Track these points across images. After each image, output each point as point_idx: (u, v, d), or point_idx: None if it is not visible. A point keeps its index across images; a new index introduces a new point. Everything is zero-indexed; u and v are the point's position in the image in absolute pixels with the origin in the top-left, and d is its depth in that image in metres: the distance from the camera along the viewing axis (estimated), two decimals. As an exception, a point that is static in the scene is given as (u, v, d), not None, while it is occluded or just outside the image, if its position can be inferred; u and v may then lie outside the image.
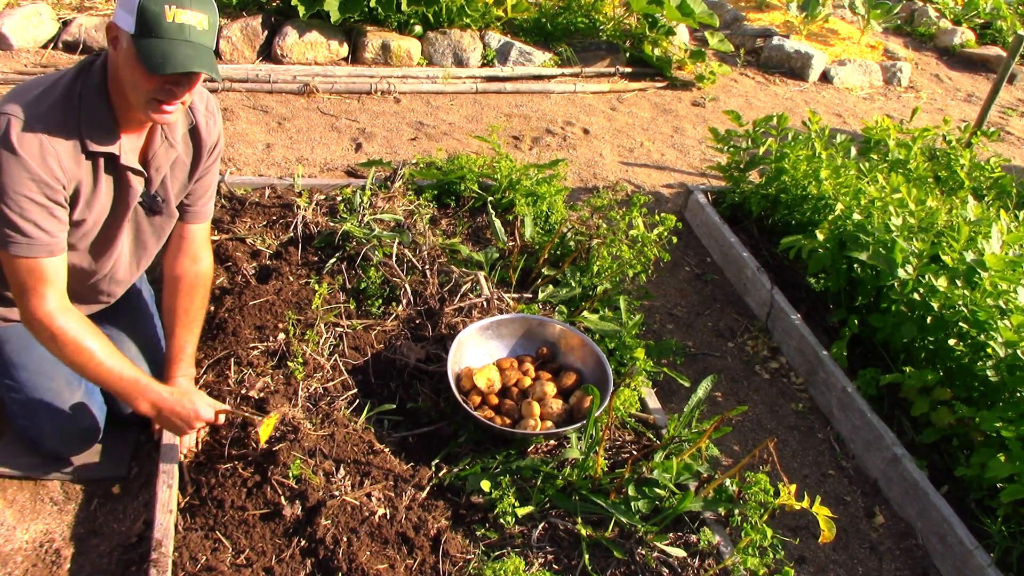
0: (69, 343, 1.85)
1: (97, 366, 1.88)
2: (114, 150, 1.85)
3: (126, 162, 1.90)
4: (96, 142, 1.82)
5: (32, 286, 1.82)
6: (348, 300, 2.69)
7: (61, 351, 1.86)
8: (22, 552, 1.98)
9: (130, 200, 1.98)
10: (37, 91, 1.79)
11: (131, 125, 1.89)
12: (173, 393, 1.98)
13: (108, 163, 1.88)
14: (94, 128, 1.81)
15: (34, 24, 4.31)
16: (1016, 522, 2.38)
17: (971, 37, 7.45)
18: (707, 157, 4.71)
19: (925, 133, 3.99)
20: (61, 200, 1.80)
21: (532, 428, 2.27)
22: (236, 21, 4.68)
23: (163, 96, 1.75)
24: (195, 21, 1.70)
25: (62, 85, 1.81)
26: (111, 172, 1.91)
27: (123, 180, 1.94)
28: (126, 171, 1.92)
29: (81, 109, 1.80)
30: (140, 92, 1.74)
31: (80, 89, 1.81)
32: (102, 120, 1.82)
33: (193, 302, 2.18)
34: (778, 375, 3.11)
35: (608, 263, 2.91)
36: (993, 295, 2.66)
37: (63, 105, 1.79)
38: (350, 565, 1.86)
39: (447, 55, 5.07)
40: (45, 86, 1.81)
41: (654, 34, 5.61)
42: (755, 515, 2.04)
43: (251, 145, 3.90)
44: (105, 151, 1.84)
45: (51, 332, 1.84)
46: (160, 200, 2.05)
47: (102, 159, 1.86)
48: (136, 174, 1.95)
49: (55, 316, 1.84)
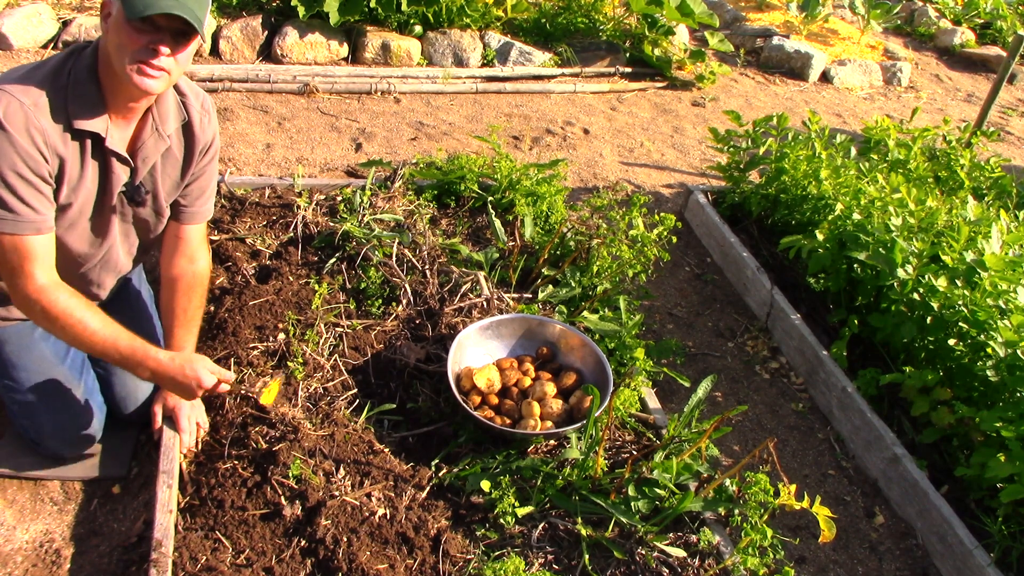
0: (61, 315, 1.83)
1: (92, 335, 1.86)
2: (99, 130, 1.83)
3: (111, 145, 1.87)
4: (81, 119, 1.80)
5: (20, 264, 1.80)
6: (348, 300, 2.69)
7: (54, 324, 1.84)
8: (22, 552, 1.98)
9: (113, 187, 1.95)
10: (23, 70, 1.78)
11: (120, 110, 1.86)
12: (174, 359, 1.94)
13: (95, 147, 1.86)
14: (80, 106, 1.80)
15: (34, 24, 4.30)
16: (1016, 522, 2.38)
17: (971, 37, 7.45)
18: (707, 157, 4.71)
19: (925, 133, 3.99)
20: (46, 175, 1.78)
21: (532, 428, 2.27)
22: (236, 21, 4.68)
23: (146, 56, 1.71)
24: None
25: (51, 64, 1.80)
26: (97, 157, 1.89)
27: (107, 166, 1.91)
28: (111, 157, 1.89)
29: (69, 88, 1.79)
30: (125, 53, 1.71)
31: (70, 68, 1.80)
32: (89, 99, 1.80)
33: (191, 302, 2.18)
34: (778, 375, 3.11)
35: (608, 263, 2.91)
36: (993, 295, 2.66)
37: (51, 83, 1.77)
38: (350, 565, 1.86)
39: (447, 55, 5.07)
40: (33, 66, 1.80)
41: (654, 34, 5.61)
42: (755, 515, 2.04)
43: (251, 145, 3.90)
44: (90, 129, 1.81)
45: (42, 306, 1.82)
46: (144, 192, 2.01)
47: (89, 141, 1.84)
48: (121, 161, 1.92)
49: (45, 290, 1.82)
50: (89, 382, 2.15)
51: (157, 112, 1.94)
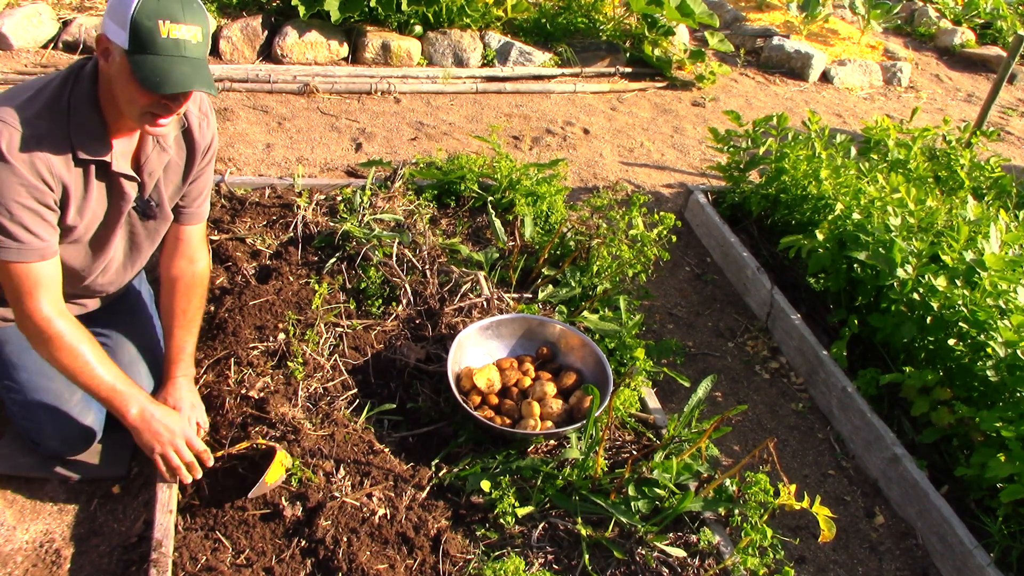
0: (64, 347, 1.84)
1: (91, 371, 1.87)
2: (105, 158, 1.84)
3: (118, 168, 1.88)
4: (87, 151, 1.80)
5: (27, 290, 1.81)
6: (348, 300, 2.69)
7: (55, 354, 1.86)
8: (22, 552, 1.98)
9: (123, 206, 1.96)
10: (23, 97, 1.77)
11: (122, 131, 1.87)
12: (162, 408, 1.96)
13: (100, 170, 1.87)
14: (84, 137, 1.80)
15: (34, 24, 4.30)
16: (1016, 522, 2.38)
17: (971, 37, 7.45)
18: (707, 157, 4.71)
19: (925, 133, 3.99)
20: (51, 204, 1.79)
21: (532, 428, 2.27)
22: (236, 21, 4.68)
23: (159, 111, 1.75)
24: (190, 35, 1.68)
25: (49, 91, 1.79)
26: (103, 179, 1.89)
27: (116, 186, 1.92)
28: (119, 177, 1.91)
29: (70, 117, 1.78)
30: (135, 106, 1.73)
31: (69, 96, 1.79)
32: (93, 129, 1.81)
33: (191, 302, 2.18)
34: (778, 375, 3.11)
35: (608, 263, 2.91)
36: (993, 295, 2.66)
37: (51, 112, 1.77)
38: (350, 565, 1.86)
39: (447, 55, 5.07)
40: (32, 92, 1.78)
41: (654, 34, 5.61)
42: (755, 515, 2.04)
43: (251, 145, 3.90)
44: (96, 159, 1.83)
45: (48, 335, 1.83)
46: (154, 204, 2.04)
47: (93, 166, 1.85)
48: (129, 180, 1.93)
49: (51, 320, 1.83)
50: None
51: None
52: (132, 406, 1.92)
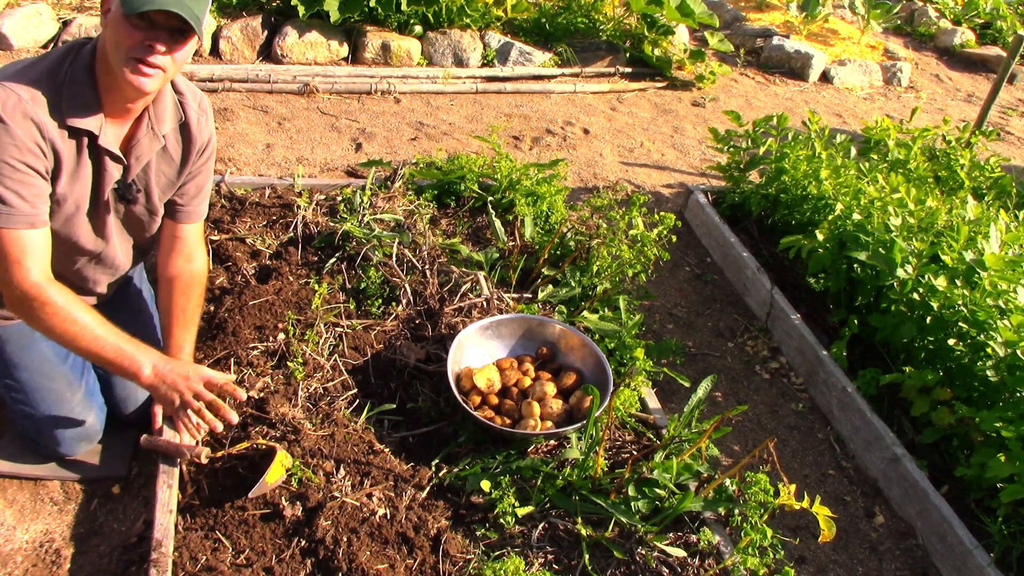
0: (59, 312, 1.80)
1: (92, 332, 1.84)
2: (93, 128, 1.82)
3: (104, 144, 1.86)
4: (75, 117, 1.79)
5: (15, 258, 1.78)
6: (348, 300, 2.69)
7: (51, 321, 1.81)
8: (22, 552, 1.98)
9: (105, 185, 1.94)
10: (21, 65, 1.78)
11: (115, 110, 1.86)
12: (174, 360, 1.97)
13: (90, 146, 1.87)
14: (76, 104, 1.79)
15: (34, 24, 4.30)
16: (1016, 522, 2.38)
17: (971, 37, 7.45)
18: (707, 157, 4.71)
19: (925, 133, 3.99)
20: (42, 170, 1.78)
21: (532, 428, 2.27)
22: (236, 21, 4.68)
23: (142, 53, 1.71)
24: None
25: (49, 61, 1.80)
26: (92, 155, 1.89)
27: (100, 164, 1.91)
28: (104, 155, 1.89)
29: (65, 85, 1.79)
30: (121, 50, 1.71)
31: (67, 67, 1.80)
32: (84, 98, 1.80)
33: (189, 301, 2.18)
34: (778, 375, 3.11)
35: (608, 263, 2.91)
36: (993, 295, 2.67)
37: (48, 79, 1.77)
38: (350, 565, 1.86)
39: (447, 55, 5.07)
40: (31, 61, 1.80)
41: (654, 34, 5.61)
42: (755, 515, 2.04)
43: (251, 145, 3.90)
44: (84, 128, 1.81)
45: (40, 300, 1.79)
46: (135, 189, 2.01)
47: (85, 139, 1.84)
48: (114, 159, 1.92)
49: (41, 286, 1.80)
50: (90, 382, 2.15)
51: (154, 111, 1.94)
52: (144, 364, 1.90)
